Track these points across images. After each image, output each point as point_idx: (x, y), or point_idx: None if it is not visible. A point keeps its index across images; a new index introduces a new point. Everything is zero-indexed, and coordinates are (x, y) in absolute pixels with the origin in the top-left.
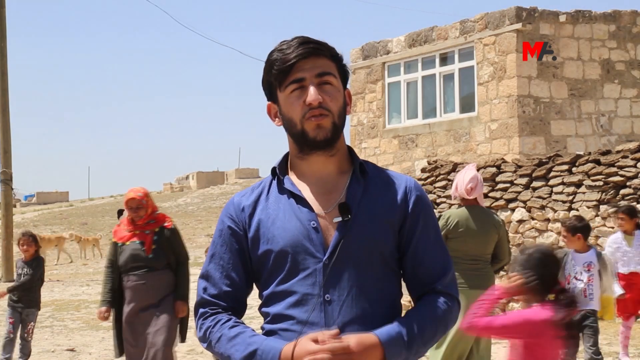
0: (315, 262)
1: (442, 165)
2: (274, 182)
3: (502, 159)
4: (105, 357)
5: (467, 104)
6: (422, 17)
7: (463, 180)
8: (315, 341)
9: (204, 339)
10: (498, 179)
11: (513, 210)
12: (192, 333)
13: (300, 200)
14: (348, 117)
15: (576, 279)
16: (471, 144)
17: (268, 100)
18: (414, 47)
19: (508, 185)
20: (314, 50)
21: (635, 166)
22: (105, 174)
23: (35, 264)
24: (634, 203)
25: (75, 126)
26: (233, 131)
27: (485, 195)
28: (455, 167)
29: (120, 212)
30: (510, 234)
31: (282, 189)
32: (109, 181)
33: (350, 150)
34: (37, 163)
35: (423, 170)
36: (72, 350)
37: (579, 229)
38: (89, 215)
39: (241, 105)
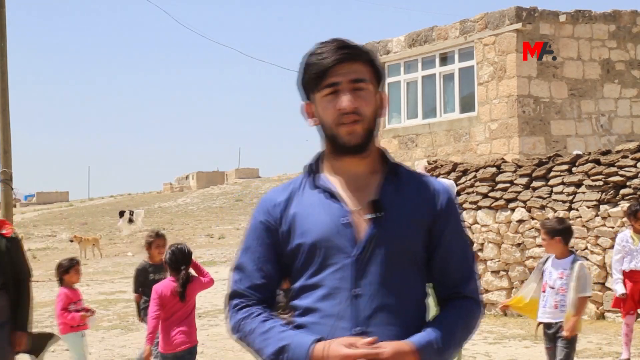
0: (345, 257)
1: (442, 165)
2: (308, 179)
3: (502, 158)
4: (105, 357)
5: (467, 104)
6: (422, 17)
7: None
8: (349, 346)
9: (235, 330)
10: (498, 178)
11: (513, 210)
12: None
13: (333, 196)
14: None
15: (551, 287)
16: (471, 144)
17: (303, 100)
18: (414, 47)
19: (508, 185)
20: (349, 55)
21: (635, 166)
22: (105, 174)
23: (163, 268)
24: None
25: (75, 126)
26: (233, 131)
27: (485, 195)
28: (455, 167)
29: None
30: (510, 234)
31: (315, 185)
32: (109, 181)
33: (382, 152)
34: (37, 163)
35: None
36: None
37: (558, 231)
38: (89, 215)
39: (241, 105)
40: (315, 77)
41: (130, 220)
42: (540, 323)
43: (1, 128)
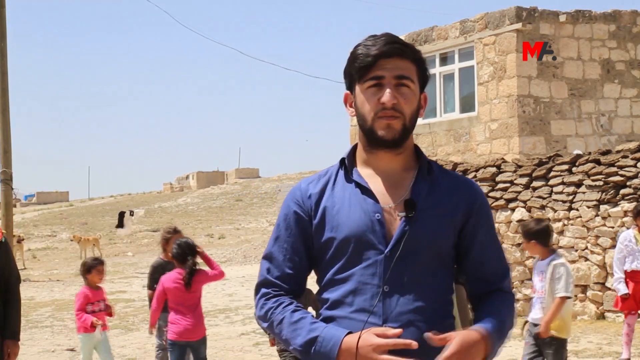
0: (376, 253)
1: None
2: (341, 172)
3: (502, 158)
4: None
5: (467, 104)
6: (422, 17)
7: None
8: (381, 336)
9: (264, 318)
10: (498, 178)
11: (513, 210)
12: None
13: (367, 192)
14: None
15: (536, 291)
16: (471, 144)
17: (347, 89)
18: None
19: (508, 185)
20: (397, 50)
21: (635, 166)
22: (105, 174)
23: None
24: (634, 203)
25: (75, 126)
26: (233, 131)
27: (486, 195)
28: (455, 167)
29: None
30: (510, 234)
31: (349, 179)
32: (109, 181)
33: (417, 149)
34: (38, 163)
35: None
36: (72, 350)
37: (533, 234)
38: (89, 215)
39: (241, 105)
40: (362, 67)
41: (131, 213)
42: (526, 321)
43: (1, 128)
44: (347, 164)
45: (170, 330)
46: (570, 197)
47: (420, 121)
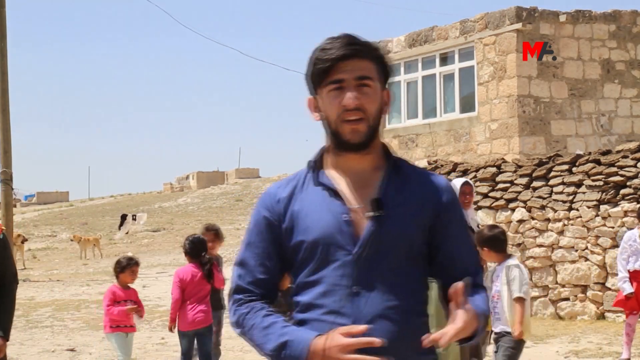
0: (345, 254)
1: (442, 165)
2: (309, 175)
3: (502, 158)
4: (105, 357)
5: (467, 104)
6: (422, 17)
7: None
8: (347, 335)
9: (237, 325)
10: (498, 178)
11: (513, 210)
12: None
13: (334, 194)
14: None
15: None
16: (471, 144)
17: (309, 94)
18: (414, 47)
19: (508, 185)
20: (355, 52)
21: (635, 166)
22: (106, 174)
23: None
24: (634, 203)
25: (76, 126)
26: (233, 131)
27: (485, 195)
28: (455, 167)
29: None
30: (510, 234)
31: (317, 182)
32: (109, 181)
33: (385, 147)
34: (38, 163)
35: None
36: (72, 350)
37: (483, 241)
38: (89, 215)
39: (241, 105)
40: (321, 72)
41: (134, 218)
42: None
43: (1, 128)
44: (315, 167)
45: (181, 321)
46: (571, 197)
47: (420, 121)
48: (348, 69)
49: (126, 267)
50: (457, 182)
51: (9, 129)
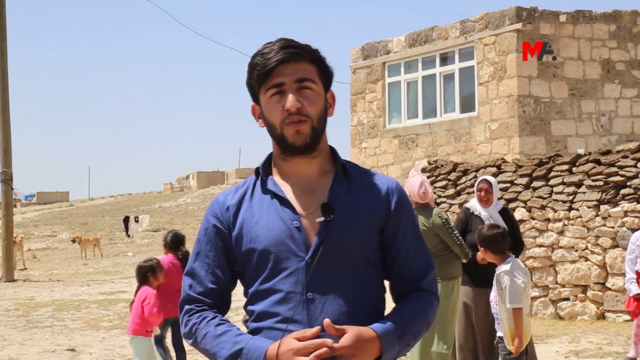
0: (297, 261)
1: (442, 165)
2: (258, 182)
3: (502, 158)
4: (105, 357)
5: (468, 104)
6: (423, 17)
7: (413, 187)
8: (299, 340)
9: (189, 335)
10: (498, 178)
11: (513, 210)
12: None
13: (283, 201)
14: (330, 119)
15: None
16: (471, 144)
17: (252, 101)
18: (414, 47)
19: (508, 185)
20: (293, 55)
21: (635, 166)
22: (106, 174)
23: None
24: (635, 203)
25: (76, 126)
26: (233, 131)
27: None
28: (455, 167)
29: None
30: None
31: (265, 189)
32: (110, 181)
33: (332, 150)
34: (38, 163)
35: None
36: (72, 350)
37: (481, 240)
38: (89, 215)
39: (241, 105)
40: (260, 78)
41: (136, 219)
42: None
43: (1, 128)
44: (263, 174)
45: (163, 309)
46: (571, 197)
47: (420, 121)
48: (287, 72)
49: (156, 270)
50: (479, 178)
51: (9, 128)
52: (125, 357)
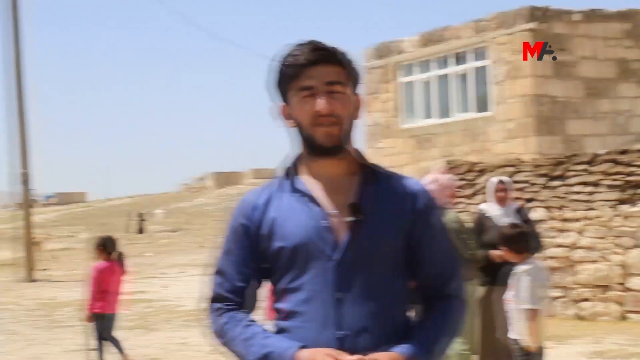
0: (326, 260)
1: (459, 165)
2: (285, 182)
3: (519, 158)
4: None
5: (483, 104)
6: (435, 17)
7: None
8: (334, 358)
9: (218, 334)
10: (515, 178)
11: (531, 210)
12: None
13: (312, 200)
14: (357, 121)
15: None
16: (487, 144)
17: (280, 102)
18: (428, 47)
19: (526, 184)
20: (324, 57)
21: None
22: (124, 175)
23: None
24: None
25: (96, 129)
26: (250, 132)
27: None
28: (472, 167)
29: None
30: None
31: (294, 189)
32: (128, 182)
33: (359, 152)
34: (59, 164)
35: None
36: (94, 349)
37: (502, 239)
38: (107, 216)
39: (258, 106)
40: (289, 79)
41: (142, 220)
42: None
43: (19, 131)
44: (291, 173)
45: (93, 305)
46: (589, 197)
47: (436, 121)
48: (317, 75)
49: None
50: (493, 180)
51: (26, 132)
52: (148, 356)
